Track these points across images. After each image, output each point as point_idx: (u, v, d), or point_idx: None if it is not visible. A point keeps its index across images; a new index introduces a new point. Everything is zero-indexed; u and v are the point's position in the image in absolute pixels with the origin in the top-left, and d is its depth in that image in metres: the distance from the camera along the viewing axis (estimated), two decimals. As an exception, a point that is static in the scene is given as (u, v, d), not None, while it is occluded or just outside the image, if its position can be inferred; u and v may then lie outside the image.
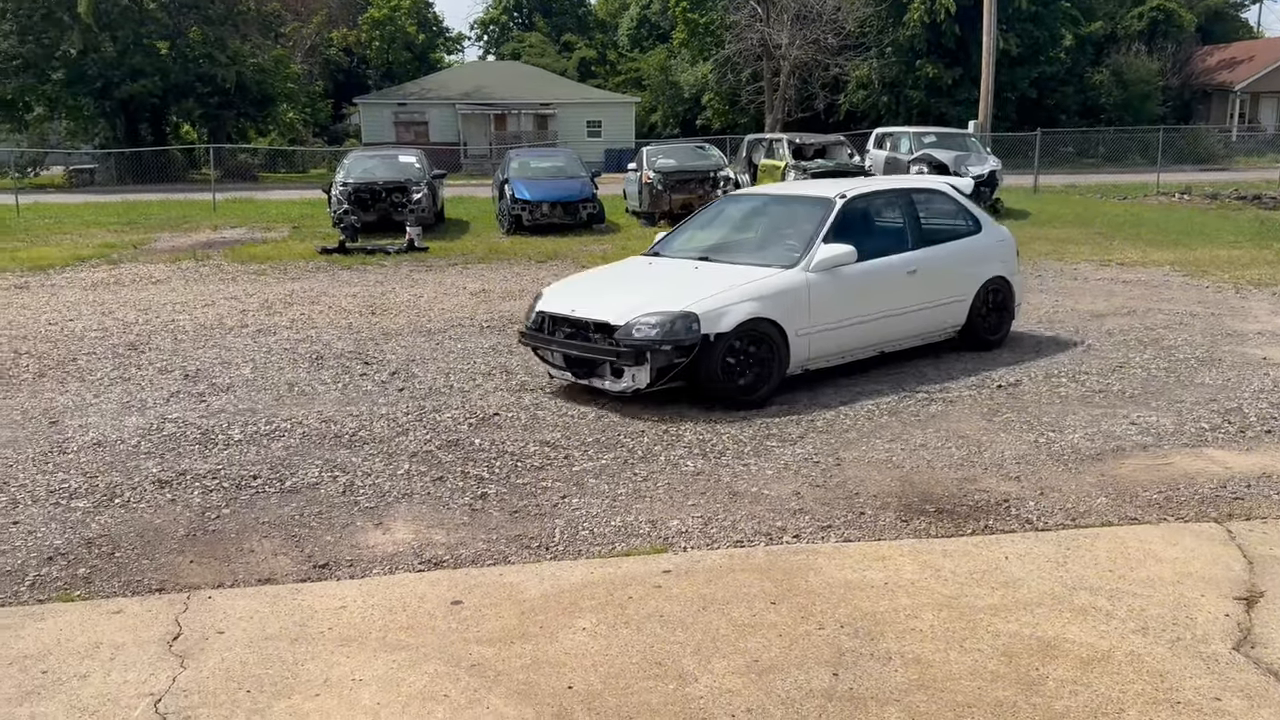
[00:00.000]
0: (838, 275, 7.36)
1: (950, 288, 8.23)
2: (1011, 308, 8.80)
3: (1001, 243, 8.78)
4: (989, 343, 8.59)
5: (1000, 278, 8.63)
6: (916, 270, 7.91)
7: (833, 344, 7.44)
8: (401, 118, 46.49)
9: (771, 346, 7.00)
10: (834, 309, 7.32)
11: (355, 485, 5.57)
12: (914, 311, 7.93)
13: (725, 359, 6.81)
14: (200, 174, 35.41)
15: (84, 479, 5.69)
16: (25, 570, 4.53)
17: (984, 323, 8.55)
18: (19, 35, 33.51)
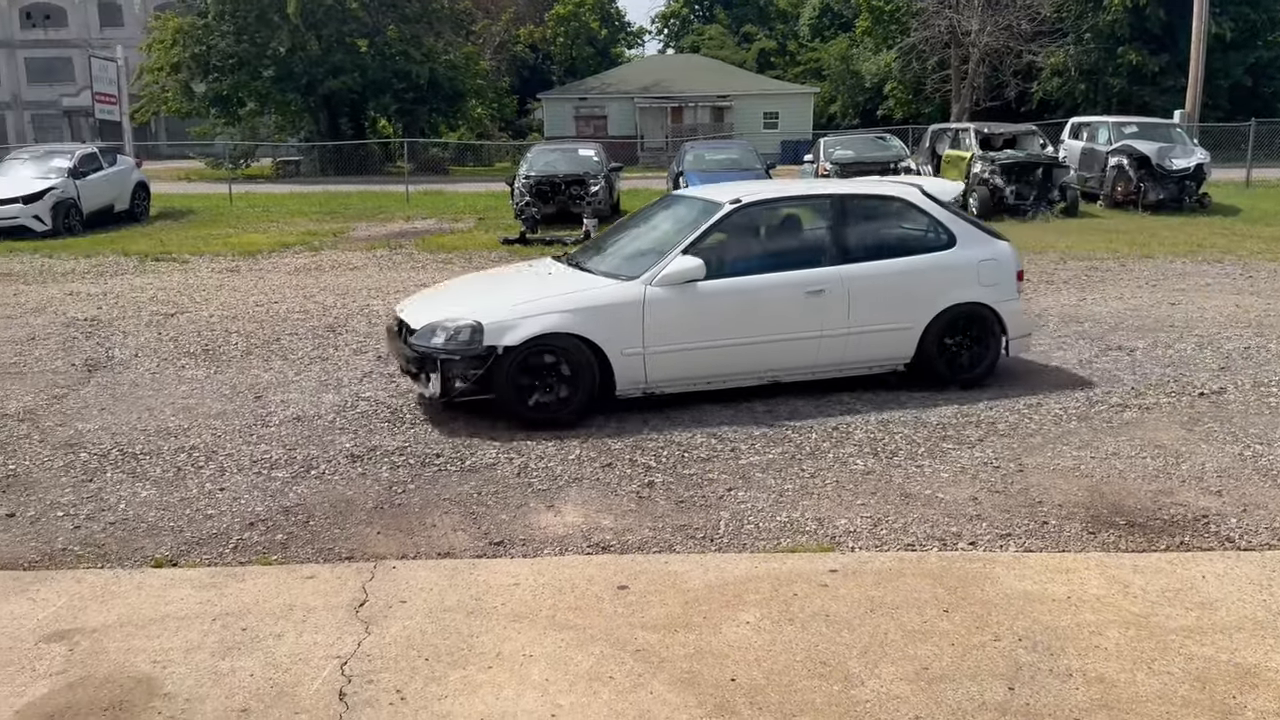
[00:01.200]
0: (692, 292, 6.55)
1: (885, 313, 6.92)
2: (997, 341, 7.18)
3: (985, 262, 7.11)
4: (955, 382, 7.10)
5: (977, 304, 7.07)
6: (824, 290, 6.74)
7: (684, 367, 6.67)
8: (581, 112, 47.55)
9: (581, 365, 6.40)
10: (683, 329, 6.57)
11: (529, 468, 5.74)
12: (820, 338, 6.81)
13: (517, 375, 6.35)
14: (395, 167, 37.28)
15: (284, 451, 6.10)
16: (229, 534, 4.90)
17: (948, 357, 7.10)
18: (235, 36, 36.14)
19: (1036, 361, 7.95)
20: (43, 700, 3.32)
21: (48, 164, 19.31)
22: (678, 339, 6.57)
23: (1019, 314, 7.34)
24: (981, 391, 7.07)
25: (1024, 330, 7.48)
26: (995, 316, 7.16)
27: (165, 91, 37.70)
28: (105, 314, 10.83)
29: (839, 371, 7.08)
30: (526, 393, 6.43)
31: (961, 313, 7.08)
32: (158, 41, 36.96)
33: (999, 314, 7.16)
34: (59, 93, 57.59)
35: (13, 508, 5.27)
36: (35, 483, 5.64)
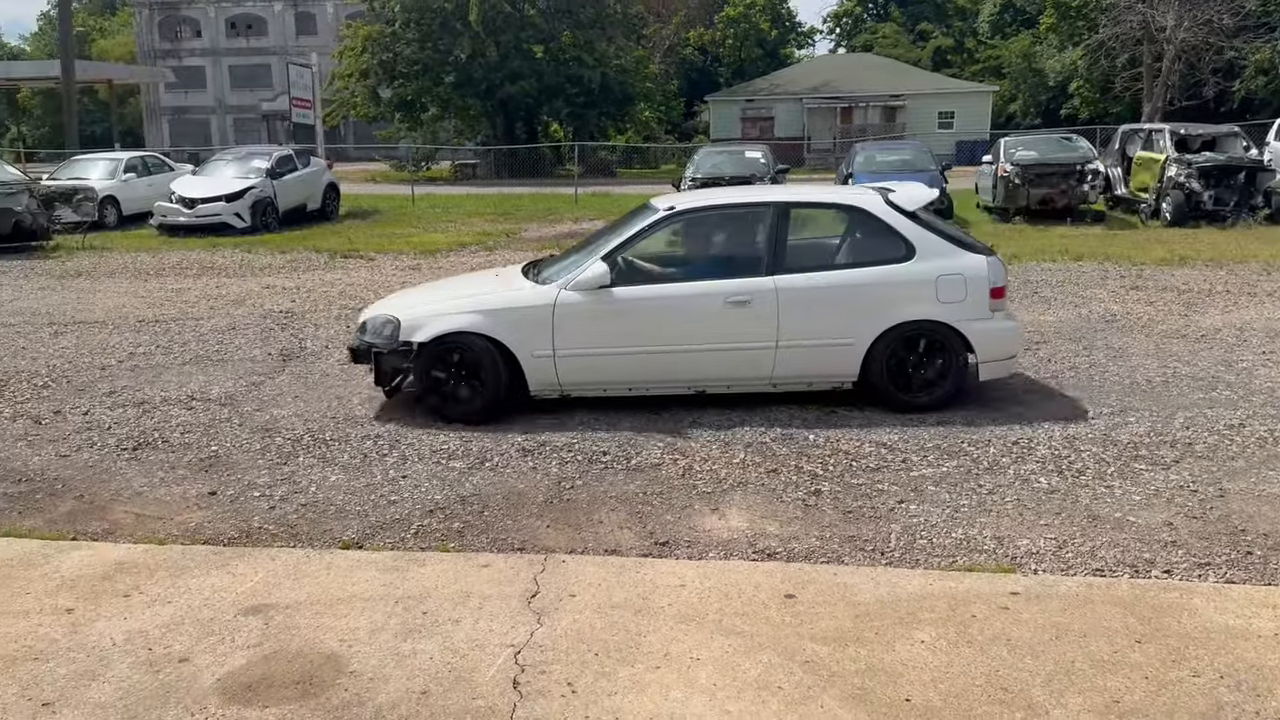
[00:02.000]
0: (607, 298, 6.59)
1: (822, 326, 6.59)
2: (959, 363, 6.64)
3: (946, 276, 6.54)
4: (906, 404, 6.66)
5: (934, 322, 6.57)
6: (749, 301, 6.53)
7: (597, 371, 6.72)
8: (748, 113, 47.35)
9: (487, 364, 6.59)
10: (595, 334, 6.61)
11: (693, 470, 5.75)
12: (745, 350, 6.62)
13: (431, 370, 6.65)
14: (565, 169, 38.18)
15: (460, 442, 6.31)
16: (410, 520, 5.11)
17: (899, 377, 6.65)
18: (420, 43, 37.81)
19: (1238, 381, 7.39)
20: (241, 670, 3.54)
21: (248, 165, 20.71)
22: (589, 344, 6.65)
23: (992, 334, 6.64)
24: (1176, 411, 6.62)
25: (1001, 353, 6.73)
26: (957, 336, 6.59)
27: (354, 96, 39.84)
28: (298, 307, 11.51)
29: (772, 386, 6.82)
30: (441, 387, 6.73)
31: (915, 330, 6.61)
32: (348, 49, 39.11)
33: (962, 333, 6.57)
34: (258, 97, 61.68)
35: (214, 486, 5.66)
36: (235, 464, 6.04)
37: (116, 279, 14.06)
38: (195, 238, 18.61)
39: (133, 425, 6.84)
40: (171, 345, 9.45)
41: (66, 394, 7.71)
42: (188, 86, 61.11)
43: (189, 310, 11.37)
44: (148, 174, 22.39)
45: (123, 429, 6.75)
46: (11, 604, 4.07)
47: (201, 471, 5.91)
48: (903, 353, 6.66)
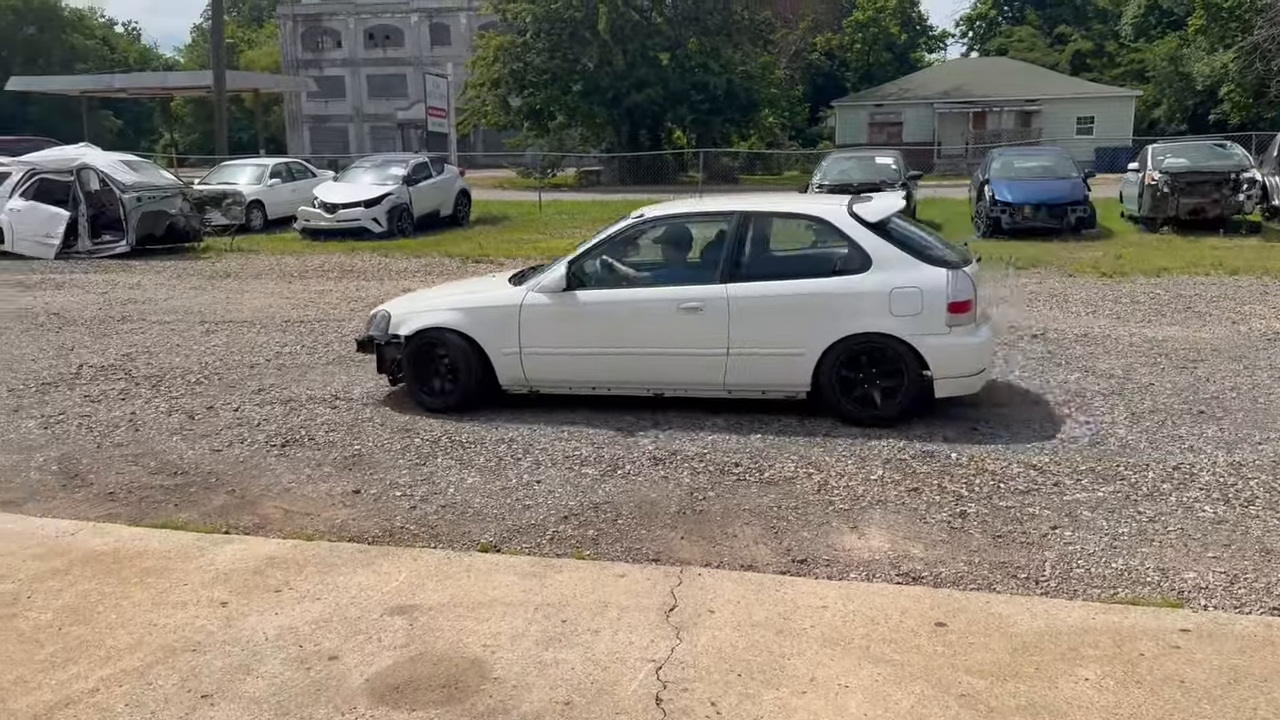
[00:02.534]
0: (570, 300, 6.92)
1: (772, 335, 6.59)
2: (912, 378, 6.46)
3: (901, 290, 6.39)
4: (858, 418, 6.54)
5: (885, 335, 6.43)
6: (701, 308, 6.63)
7: (560, 370, 7.07)
8: (876, 119, 46.51)
9: (460, 359, 7.07)
10: (557, 335, 6.96)
11: (829, 485, 5.60)
12: (717, 356, 6.68)
13: (415, 361, 7.20)
14: (688, 176, 38.21)
15: (592, 449, 6.32)
16: (546, 525, 5.13)
17: (851, 390, 6.57)
18: (549, 52, 38.46)
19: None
20: (388, 671, 3.59)
21: (385, 172, 21.38)
22: (552, 343, 6.98)
23: (949, 349, 6.44)
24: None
25: (961, 369, 6.51)
26: (910, 351, 6.43)
27: (485, 105, 40.77)
28: (431, 310, 11.77)
29: (727, 392, 6.89)
30: (424, 379, 7.25)
31: (866, 343, 6.51)
32: (480, 59, 40.07)
33: (915, 348, 6.41)
34: (394, 106, 63.77)
35: (358, 484, 5.80)
36: (377, 463, 6.18)
37: (262, 280, 14.69)
38: (335, 241, 19.31)
39: (280, 422, 7.09)
40: (315, 345, 9.79)
41: (218, 390, 8.06)
42: (328, 96, 63.69)
43: (331, 312, 11.77)
44: (291, 180, 23.37)
45: (271, 425, 7.01)
46: (170, 595, 4.24)
47: (346, 469, 6.07)
48: (855, 365, 6.60)
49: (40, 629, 3.92)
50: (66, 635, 3.86)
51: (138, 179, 17.77)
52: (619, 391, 7.08)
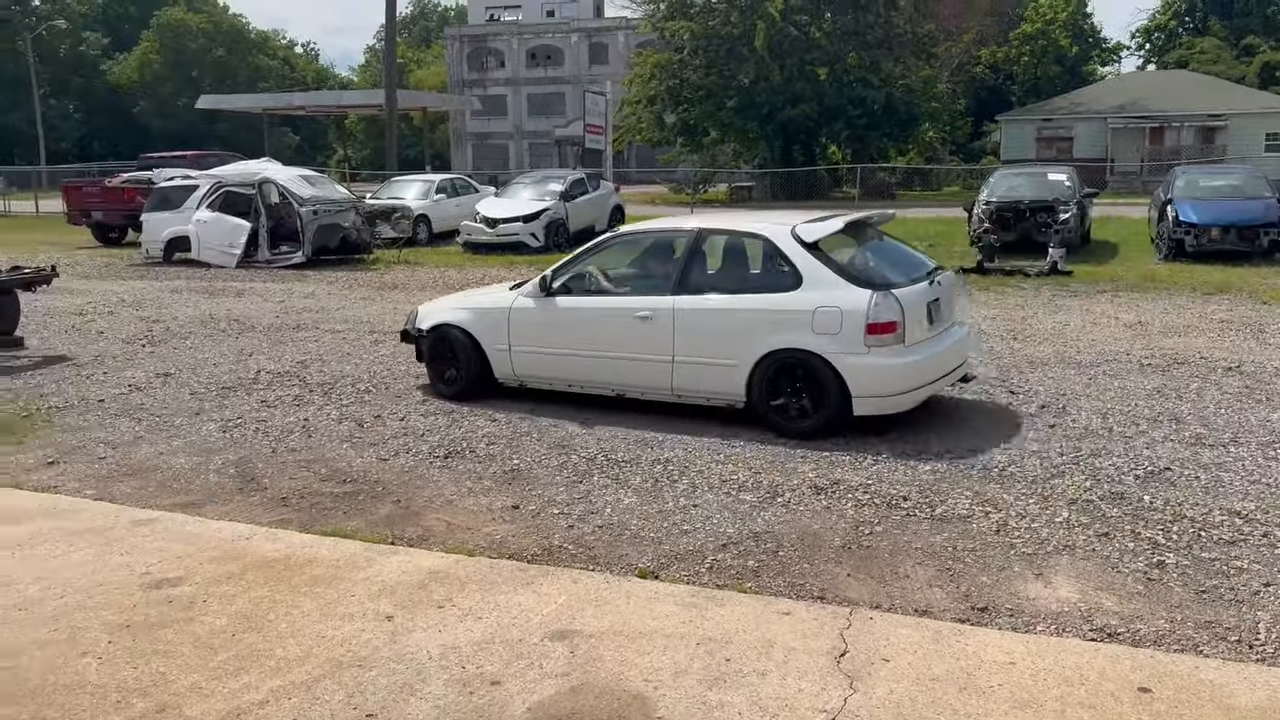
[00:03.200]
0: (550, 305, 7.64)
1: (709, 346, 7.02)
2: (832, 395, 6.66)
3: (823, 309, 6.62)
4: (784, 429, 6.81)
5: (807, 352, 6.66)
6: (651, 317, 7.18)
7: (541, 367, 7.77)
8: (1044, 133, 44.59)
9: (462, 353, 8.01)
10: (538, 336, 7.69)
11: (1009, 525, 5.25)
12: (663, 363, 7.20)
13: (432, 352, 8.27)
14: (842, 192, 37.53)
15: (749, 474, 6.14)
16: (704, 553, 4.98)
17: (778, 402, 6.84)
18: (705, 69, 38.53)
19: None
20: (550, 701, 3.51)
21: (544, 188, 21.80)
22: (534, 343, 7.73)
23: (867, 369, 6.60)
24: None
25: (879, 390, 6.66)
26: (830, 368, 6.62)
27: (640, 122, 41.19)
28: (587, 324, 11.83)
29: (676, 397, 7.32)
30: (439, 368, 8.25)
31: (792, 358, 6.76)
32: (637, 76, 40.52)
33: (834, 366, 6.59)
34: (552, 124, 65.27)
35: (517, 500, 5.80)
36: (535, 478, 6.18)
37: (427, 292, 15.11)
38: (495, 255, 19.77)
39: (444, 433, 7.19)
40: (474, 357, 9.94)
41: (385, 400, 8.26)
42: (490, 114, 65.75)
43: (489, 324, 11.97)
44: (455, 195, 24.12)
45: (435, 436, 7.12)
46: (338, 606, 4.29)
47: (505, 484, 6.09)
48: (782, 379, 6.84)
49: (215, 634, 4.03)
50: (239, 642, 3.94)
51: (314, 193, 18.65)
52: (589, 390, 7.69)
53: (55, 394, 8.61)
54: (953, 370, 7.31)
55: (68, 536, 5.14)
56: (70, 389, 8.80)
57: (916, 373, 6.78)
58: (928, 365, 6.87)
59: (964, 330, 7.77)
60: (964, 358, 7.62)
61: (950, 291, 7.42)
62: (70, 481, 6.23)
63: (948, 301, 7.36)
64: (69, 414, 7.93)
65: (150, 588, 4.48)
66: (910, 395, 6.80)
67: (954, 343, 7.32)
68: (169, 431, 7.39)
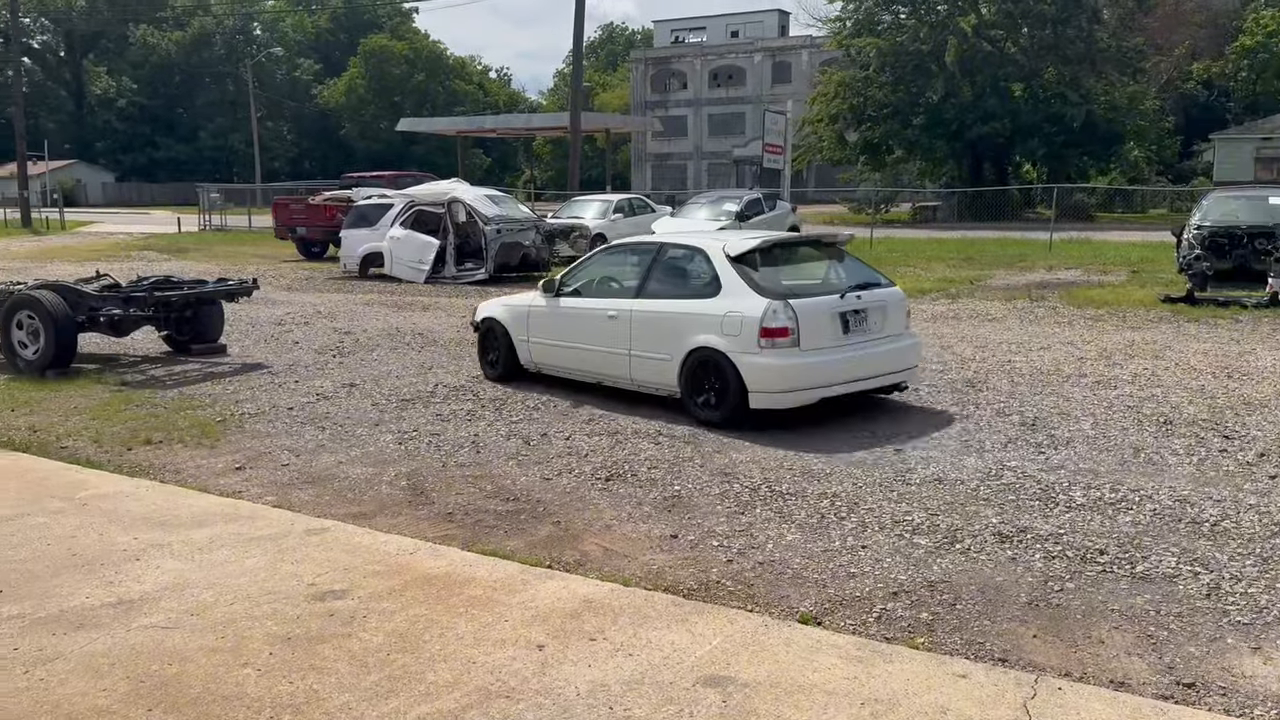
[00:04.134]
0: (555, 305, 9.10)
1: (652, 344, 8.18)
2: (733, 389, 7.60)
3: (730, 314, 7.66)
4: (699, 418, 7.88)
5: (716, 350, 7.69)
6: (616, 317, 8.43)
7: (550, 357, 9.23)
8: (1264, 153, 41.05)
9: (500, 342, 9.69)
10: (545, 330, 9.21)
11: (1221, 589, 4.68)
12: (624, 356, 8.41)
13: (482, 341, 10.04)
14: (1035, 213, 35.72)
15: (925, 515, 5.76)
16: (872, 601, 4.65)
17: (697, 395, 7.92)
18: (892, 86, 37.62)
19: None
20: (699, 752, 3.31)
21: (719, 208, 21.74)
22: (543, 336, 9.27)
23: (758, 367, 7.52)
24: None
25: (769, 386, 7.55)
26: (732, 366, 7.58)
27: (822, 141, 40.62)
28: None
29: (636, 387, 8.50)
30: (485, 354, 10.00)
31: (706, 356, 7.78)
32: (821, 94, 40.01)
33: (735, 364, 7.55)
34: (731, 144, 65.40)
35: (676, 529, 5.64)
36: (695, 507, 6.00)
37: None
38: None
39: (606, 455, 7.13)
40: (643, 378, 9.89)
41: (552, 417, 8.29)
42: (671, 134, 66.53)
43: (659, 344, 11.91)
44: (632, 214, 24.37)
45: (597, 458, 7.06)
46: (491, 631, 4.23)
47: (664, 511, 5.94)
48: (699, 373, 7.90)
49: (370, 652, 4.03)
50: (392, 664, 3.93)
51: (499, 212, 19.22)
52: (581, 379, 9.02)
53: (249, 400, 9.09)
54: (870, 377, 7.99)
55: (244, 543, 5.34)
56: (263, 396, 9.28)
57: (810, 374, 7.61)
58: (826, 369, 7.66)
59: (902, 342, 8.29)
60: (892, 368, 8.18)
61: (888, 307, 8.16)
62: (253, 487, 6.50)
63: (879, 315, 8.03)
64: (260, 420, 8.34)
65: (314, 599, 4.57)
66: (802, 394, 7.63)
67: (876, 352, 7.97)
68: (349, 441, 7.64)
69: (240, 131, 76.15)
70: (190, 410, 8.66)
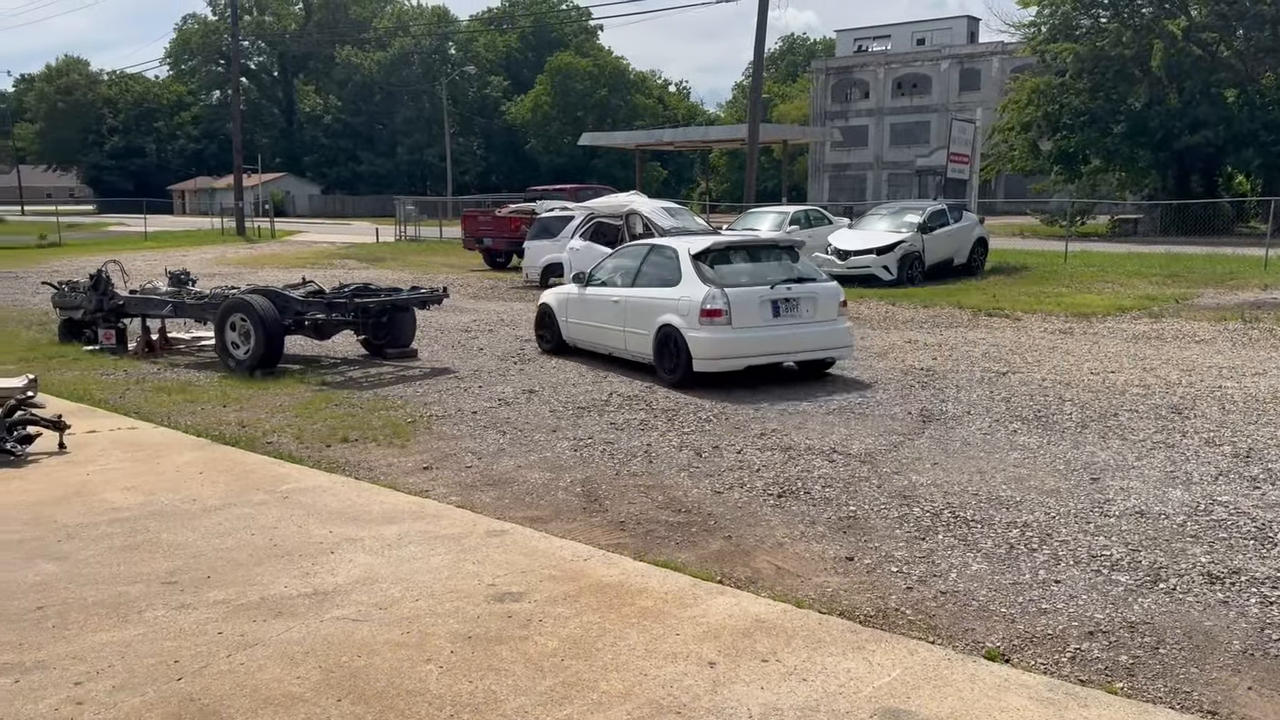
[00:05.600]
0: (584, 293, 11.60)
1: (638, 323, 10.52)
2: (685, 356, 9.80)
3: (681, 299, 9.89)
4: (663, 379, 10.16)
5: (674, 328, 9.90)
6: (619, 302, 10.89)
7: (578, 334, 11.74)
8: None
9: (550, 321, 12.21)
10: (576, 313, 11.70)
11: None
12: (621, 331, 10.88)
13: (537, 321, 12.64)
14: (1248, 227, 33.07)
15: (1125, 550, 5.38)
16: (1066, 638, 4.37)
17: (664, 361, 10.16)
18: (1090, 93, 35.61)
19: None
20: (876, 787, 3.18)
21: (901, 219, 21.12)
22: (576, 317, 11.68)
23: (698, 340, 9.69)
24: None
25: (710, 354, 9.70)
26: (682, 338, 9.80)
27: (1012, 150, 38.89)
28: (939, 365, 11.20)
29: (630, 356, 10.83)
30: (542, 333, 12.40)
31: (667, 331, 10.02)
32: (1012, 102, 38.33)
33: (684, 337, 9.77)
34: (914, 154, 63.63)
35: (852, 551, 5.48)
36: (872, 529, 5.82)
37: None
38: (845, 288, 19.37)
39: (778, 471, 7.02)
40: (816, 393, 9.71)
41: (724, 430, 8.25)
42: (850, 144, 65.37)
43: (836, 359, 11.69)
44: (809, 226, 24.02)
45: (769, 473, 6.96)
46: (663, 644, 4.22)
47: (839, 532, 5.78)
48: (664, 345, 10.11)
49: (545, 657, 4.10)
50: (566, 670, 3.98)
51: (674, 224, 19.32)
52: (601, 351, 11.42)
53: (437, 403, 9.48)
54: (796, 352, 10.14)
55: (429, 541, 5.54)
56: (450, 399, 9.66)
57: (739, 347, 9.76)
58: (754, 343, 9.79)
59: (831, 326, 10.21)
60: (819, 346, 10.19)
61: (819, 298, 10.11)
62: (439, 487, 6.76)
63: (810, 304, 10.03)
64: (446, 423, 8.67)
65: (493, 600, 4.68)
66: (733, 361, 9.84)
67: (804, 333, 10.00)
68: (528, 446, 7.84)
69: (434, 146, 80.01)
70: (383, 411, 9.10)
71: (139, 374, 11.03)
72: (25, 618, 4.54)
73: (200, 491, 6.53)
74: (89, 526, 5.82)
